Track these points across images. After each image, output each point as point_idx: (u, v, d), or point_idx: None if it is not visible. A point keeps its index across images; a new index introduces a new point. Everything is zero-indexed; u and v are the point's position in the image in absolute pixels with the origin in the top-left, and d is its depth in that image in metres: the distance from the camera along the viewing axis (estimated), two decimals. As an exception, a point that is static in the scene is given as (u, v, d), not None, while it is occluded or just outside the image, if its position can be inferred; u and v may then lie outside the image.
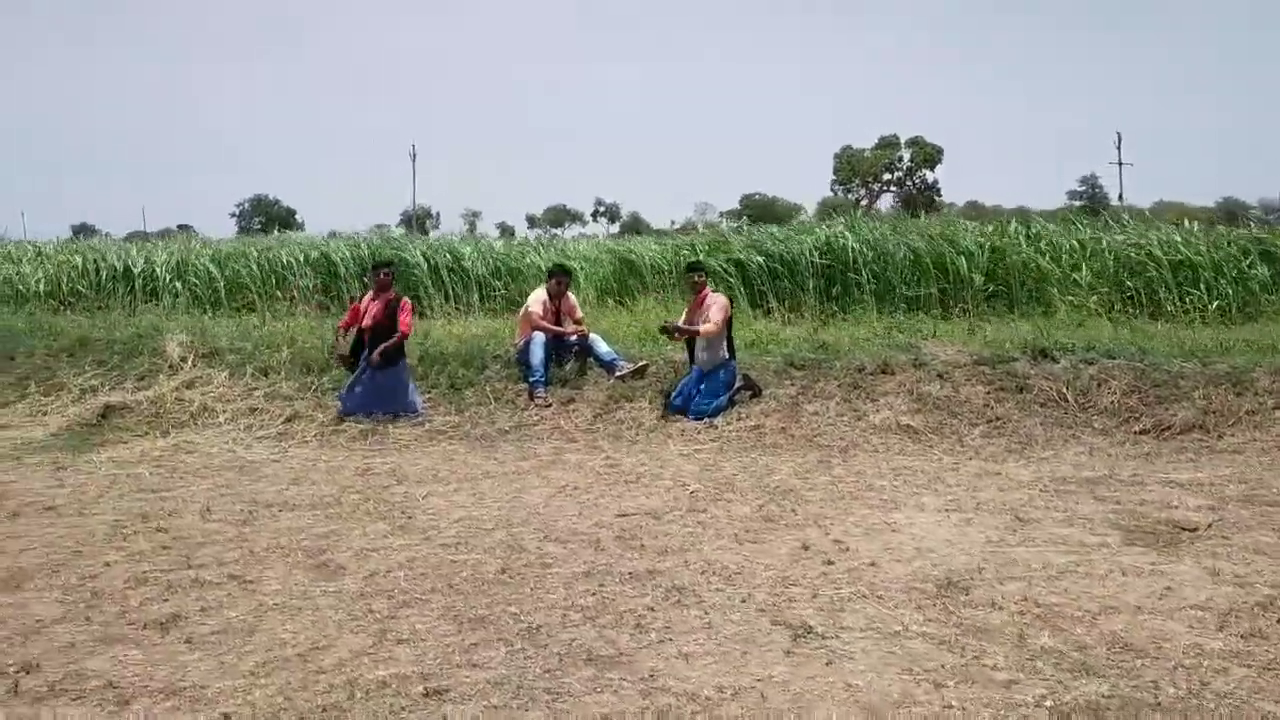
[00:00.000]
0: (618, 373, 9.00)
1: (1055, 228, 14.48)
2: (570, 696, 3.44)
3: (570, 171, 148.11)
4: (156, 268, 15.57)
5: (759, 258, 13.63)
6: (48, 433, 8.36)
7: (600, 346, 9.29)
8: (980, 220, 16.26)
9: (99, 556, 5.07)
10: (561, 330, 9.40)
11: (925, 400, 8.28)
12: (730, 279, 13.35)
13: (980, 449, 7.56)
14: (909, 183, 69.55)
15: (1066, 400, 8.17)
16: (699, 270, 9.19)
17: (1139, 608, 4.21)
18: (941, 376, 8.58)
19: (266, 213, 77.84)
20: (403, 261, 14.54)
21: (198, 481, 6.84)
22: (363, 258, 15.34)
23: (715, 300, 8.78)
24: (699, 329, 8.51)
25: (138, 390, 9.23)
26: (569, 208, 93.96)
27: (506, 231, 61.04)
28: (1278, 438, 7.44)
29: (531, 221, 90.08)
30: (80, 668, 3.69)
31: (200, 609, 4.30)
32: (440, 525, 5.66)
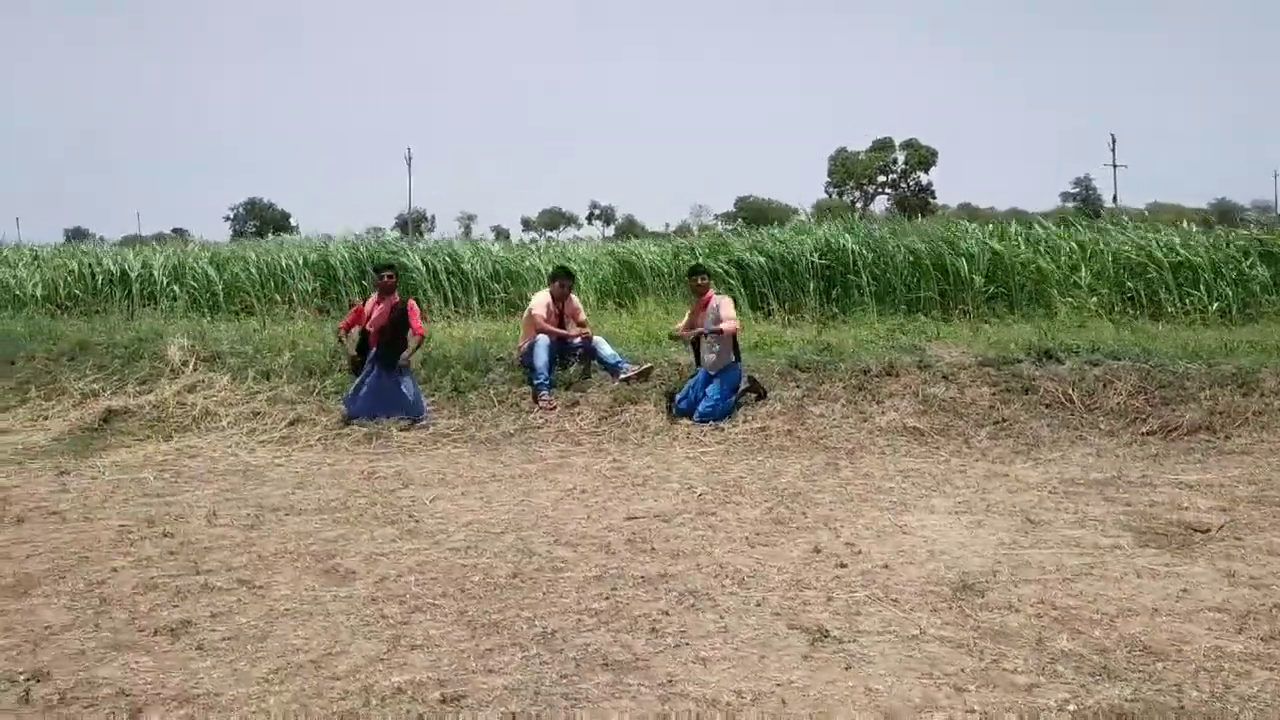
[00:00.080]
0: (622, 375, 8.95)
1: (1056, 229, 14.48)
2: (589, 702, 3.40)
3: (565, 174, 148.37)
4: (154, 271, 15.53)
5: (760, 258, 13.62)
6: (49, 437, 8.31)
7: (604, 349, 9.24)
8: (977, 222, 16.26)
9: (106, 562, 5.02)
10: (565, 333, 9.35)
11: (931, 402, 8.26)
12: (731, 280, 13.34)
13: (987, 450, 7.53)
14: (903, 185, 69.68)
15: (1072, 401, 8.15)
16: (702, 273, 9.17)
17: (1156, 610, 4.19)
18: (946, 378, 8.56)
19: (261, 216, 77.76)
20: (401, 265, 14.48)
21: (202, 486, 6.79)
22: (361, 260, 15.33)
23: (722, 301, 8.76)
24: (722, 327, 8.44)
25: (139, 394, 9.17)
26: (564, 210, 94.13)
27: (501, 234, 61.06)
28: (1286, 439, 7.41)
29: (527, 224, 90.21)
30: (91, 675, 3.64)
31: (210, 615, 4.25)
32: (449, 529, 5.62)
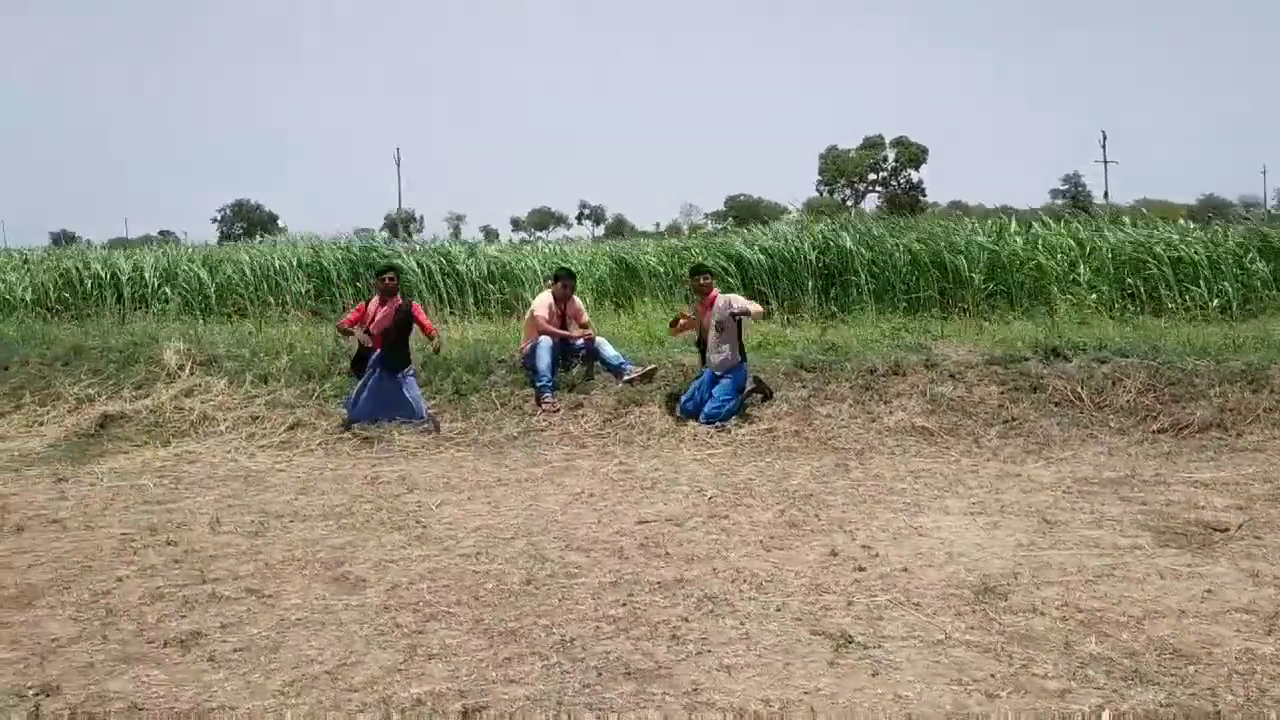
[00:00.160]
0: (626, 376, 8.86)
1: (1054, 226, 14.46)
2: (613, 712, 3.33)
3: (561, 174, 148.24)
4: (145, 274, 15.37)
5: (760, 256, 13.56)
6: (46, 443, 8.16)
7: (607, 350, 9.15)
8: (972, 219, 16.22)
9: (110, 571, 4.92)
10: (568, 334, 9.26)
11: (939, 401, 8.20)
12: (730, 279, 13.26)
13: (998, 450, 7.48)
14: (894, 183, 69.72)
15: (1081, 399, 8.11)
16: (705, 273, 9.09)
17: (1183, 611, 4.13)
18: (954, 377, 8.51)
19: (249, 218, 77.51)
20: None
21: (203, 492, 6.68)
22: (354, 261, 15.22)
23: (729, 296, 8.70)
24: (750, 308, 8.31)
25: (135, 399, 9.02)
26: (553, 210, 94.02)
27: (491, 235, 60.94)
28: (1298, 436, 7.38)
29: (516, 224, 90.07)
30: (102, 689, 3.55)
31: (220, 625, 4.16)
32: (458, 535, 5.53)
